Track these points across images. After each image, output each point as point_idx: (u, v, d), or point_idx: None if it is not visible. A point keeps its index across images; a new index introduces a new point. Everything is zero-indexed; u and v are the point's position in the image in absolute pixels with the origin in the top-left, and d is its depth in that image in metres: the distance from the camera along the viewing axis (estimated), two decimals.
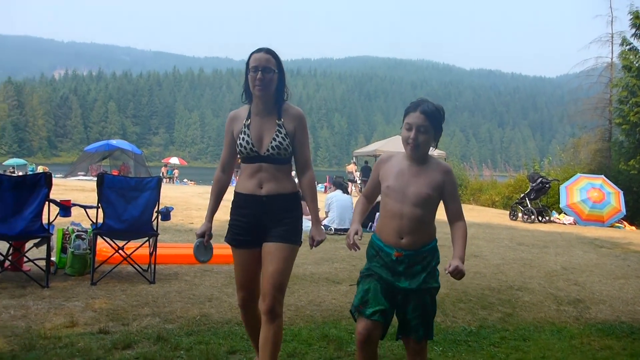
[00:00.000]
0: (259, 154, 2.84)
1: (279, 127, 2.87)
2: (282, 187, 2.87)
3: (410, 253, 2.56)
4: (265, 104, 2.90)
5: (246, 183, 2.87)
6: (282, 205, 2.87)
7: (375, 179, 2.76)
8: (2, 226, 4.80)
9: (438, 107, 2.63)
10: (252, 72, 2.81)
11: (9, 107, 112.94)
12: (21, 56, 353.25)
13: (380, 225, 2.67)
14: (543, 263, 7.24)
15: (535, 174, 15.71)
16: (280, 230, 2.83)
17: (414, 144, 2.55)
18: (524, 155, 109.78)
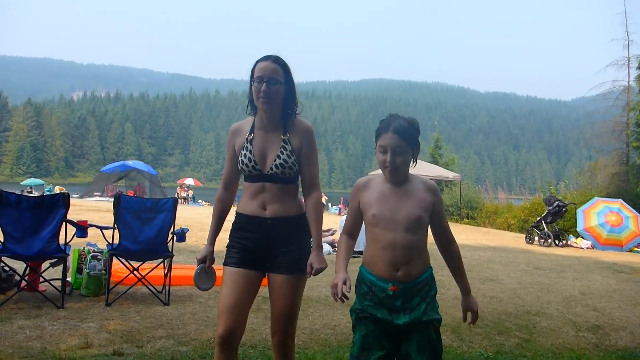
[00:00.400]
0: (262, 173, 2.61)
1: (284, 143, 2.63)
2: (287, 209, 2.63)
3: (408, 285, 2.29)
4: (270, 118, 2.66)
5: (249, 203, 2.64)
6: (288, 229, 2.63)
7: (356, 208, 2.45)
8: (19, 246, 4.85)
9: (411, 121, 2.35)
10: (257, 82, 2.58)
11: (28, 128, 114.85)
12: (41, 78, 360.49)
13: (371, 257, 2.36)
14: (561, 288, 7.13)
15: (552, 197, 15.54)
16: (287, 259, 2.59)
17: (391, 167, 2.30)
18: (540, 178, 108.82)
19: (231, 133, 2.76)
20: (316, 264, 2.56)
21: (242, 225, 2.65)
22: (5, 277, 5.26)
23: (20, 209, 4.89)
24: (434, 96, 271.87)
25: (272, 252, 2.61)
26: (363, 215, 2.40)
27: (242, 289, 2.57)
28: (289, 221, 2.63)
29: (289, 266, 2.59)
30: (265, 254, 2.61)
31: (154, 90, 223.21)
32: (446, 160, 28.39)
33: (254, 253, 2.61)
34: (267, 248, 2.61)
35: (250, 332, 4.35)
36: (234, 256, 2.63)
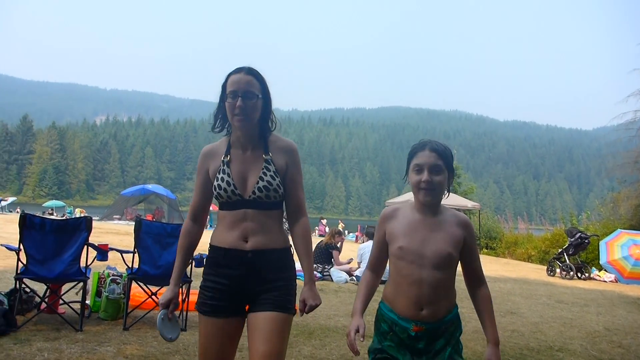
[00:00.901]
0: (242, 198, 2.28)
1: (267, 163, 2.33)
2: (272, 240, 2.30)
3: (432, 326, 2.10)
4: (248, 137, 2.36)
5: (226, 235, 2.30)
6: (273, 264, 2.30)
7: (382, 240, 2.26)
8: (41, 268, 4.89)
9: (446, 145, 2.22)
10: (230, 98, 2.27)
11: (52, 151, 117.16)
12: (66, 102, 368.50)
13: (393, 293, 2.19)
14: (584, 323, 6.96)
15: (574, 228, 15.30)
16: (272, 295, 2.25)
17: (428, 187, 2.11)
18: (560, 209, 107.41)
19: (202, 156, 2.43)
20: (310, 300, 2.30)
21: (217, 260, 2.31)
22: (26, 299, 5.30)
23: (43, 231, 4.96)
24: (452, 124, 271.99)
25: (253, 289, 2.27)
26: (388, 248, 2.22)
27: (222, 340, 2.28)
28: (274, 254, 2.30)
29: (274, 304, 2.24)
30: (246, 293, 2.28)
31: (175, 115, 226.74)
32: (465, 189, 28.21)
33: (232, 294, 2.28)
34: (248, 286, 2.27)
35: None
36: (209, 302, 2.29)
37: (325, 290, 8.28)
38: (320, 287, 8.60)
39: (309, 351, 4.67)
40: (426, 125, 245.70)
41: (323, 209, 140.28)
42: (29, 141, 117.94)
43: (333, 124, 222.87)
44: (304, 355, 4.55)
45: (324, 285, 8.81)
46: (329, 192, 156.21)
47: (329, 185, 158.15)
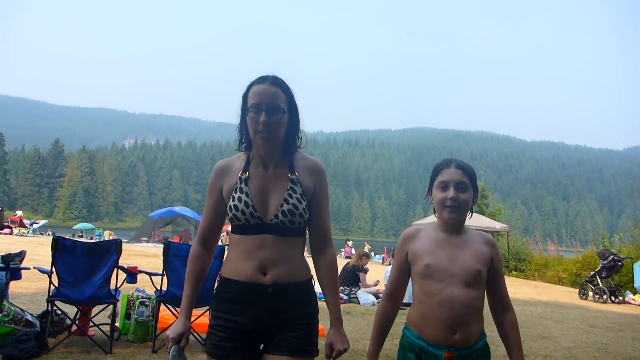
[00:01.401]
0: (262, 222, 1.98)
1: (293, 184, 2.05)
2: (295, 272, 2.02)
3: (464, 352, 1.96)
4: (271, 154, 2.07)
5: (241, 265, 1.98)
6: (295, 299, 2.01)
7: (403, 262, 2.13)
8: (72, 291, 4.97)
9: (470, 165, 2.15)
10: (253, 112, 1.99)
11: (82, 174, 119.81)
12: (96, 126, 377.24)
13: (421, 317, 2.03)
14: (619, 348, 6.74)
15: (606, 250, 14.92)
16: (293, 336, 1.97)
17: (453, 204, 2.03)
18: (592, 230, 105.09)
19: (216, 173, 2.12)
20: (339, 344, 2.01)
21: (232, 296, 1.99)
22: (57, 321, 5.38)
23: (75, 254, 5.05)
24: (479, 145, 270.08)
25: (272, 328, 1.98)
26: (411, 269, 2.11)
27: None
28: (297, 288, 2.02)
29: (296, 345, 1.96)
30: (264, 333, 1.99)
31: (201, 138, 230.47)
32: (492, 210, 27.79)
33: (248, 333, 1.98)
34: (266, 324, 1.98)
35: None
36: (223, 344, 1.96)
37: (352, 313, 8.21)
38: (347, 309, 8.54)
39: None
40: (452, 146, 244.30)
41: (349, 231, 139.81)
42: (60, 165, 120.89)
43: (358, 146, 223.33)
44: None
45: (351, 308, 8.75)
46: (355, 214, 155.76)
47: (354, 207, 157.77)
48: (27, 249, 6.33)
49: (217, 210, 2.11)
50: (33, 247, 13.60)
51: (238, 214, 1.98)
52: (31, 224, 35.35)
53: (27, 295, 7.32)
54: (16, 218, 32.15)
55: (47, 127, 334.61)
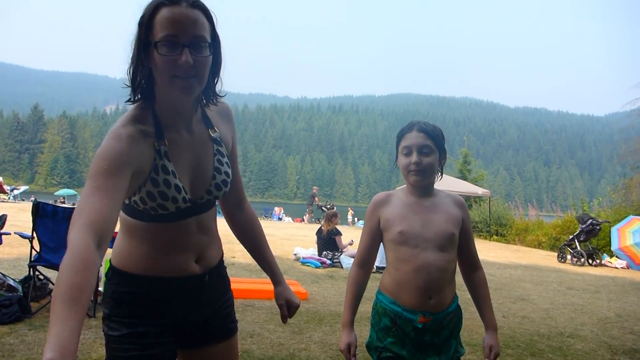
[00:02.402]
0: (193, 204, 1.53)
1: (217, 145, 1.61)
2: (219, 249, 1.72)
3: (439, 316, 1.97)
4: (190, 109, 1.53)
5: (166, 257, 1.52)
6: (222, 277, 1.73)
7: (374, 228, 2.08)
8: (54, 256, 4.96)
9: (435, 125, 2.09)
10: (167, 47, 1.36)
11: (62, 140, 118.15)
12: (76, 91, 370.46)
13: (396, 282, 2.00)
14: (595, 309, 6.94)
15: (585, 215, 15.19)
16: (223, 317, 1.72)
17: (417, 168, 1.98)
18: (572, 195, 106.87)
19: (125, 142, 1.37)
20: (296, 299, 1.89)
21: (157, 296, 1.53)
22: (40, 286, 5.37)
23: (56, 219, 5.02)
24: (463, 111, 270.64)
25: (201, 317, 1.65)
26: (383, 235, 2.07)
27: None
28: (222, 266, 1.74)
29: (227, 326, 1.73)
30: (190, 325, 1.64)
31: None
32: (475, 175, 28.05)
33: (174, 332, 1.59)
34: (197, 314, 1.64)
35: (277, 346, 4.34)
36: (148, 352, 1.50)
37: (335, 277, 8.31)
38: (331, 273, 8.64)
39: (319, 337, 4.70)
40: (436, 112, 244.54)
41: (332, 197, 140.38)
42: (40, 130, 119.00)
43: (342, 112, 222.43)
44: (314, 341, 4.58)
45: (334, 272, 8.85)
46: (338, 180, 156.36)
47: (338, 173, 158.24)
48: (8, 214, 6.27)
49: (123, 195, 1.32)
50: (14, 213, 13.47)
51: (167, 203, 1.45)
52: (12, 190, 34.94)
53: (8, 261, 7.29)
54: None
55: (26, 92, 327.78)
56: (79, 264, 1.09)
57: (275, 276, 1.89)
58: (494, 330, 2.08)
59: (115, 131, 1.40)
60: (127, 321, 1.50)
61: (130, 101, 1.49)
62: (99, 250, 1.18)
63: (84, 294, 1.06)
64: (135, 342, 1.49)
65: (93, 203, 1.23)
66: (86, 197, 1.25)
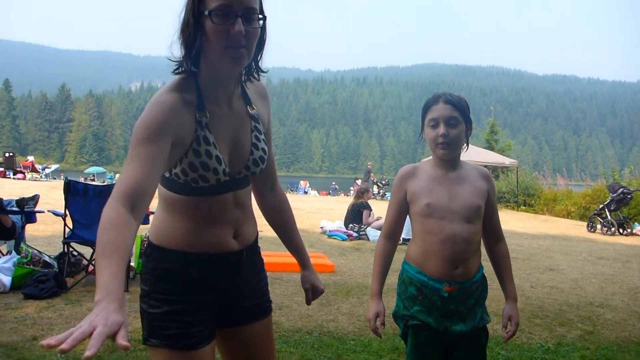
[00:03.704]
0: (231, 178, 1.54)
1: (255, 122, 1.62)
2: (254, 226, 1.72)
3: (464, 285, 2.00)
4: (232, 83, 1.55)
5: (207, 234, 1.54)
6: (257, 255, 1.75)
7: (401, 200, 2.10)
8: (87, 232, 5.09)
9: (460, 96, 2.08)
10: (220, 17, 1.38)
11: (90, 118, 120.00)
12: (102, 70, 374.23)
13: (423, 252, 2.03)
14: (626, 279, 6.85)
15: (616, 183, 14.90)
16: (259, 296, 1.74)
17: (445, 140, 1.98)
18: (602, 164, 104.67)
19: (166, 110, 1.39)
20: (321, 285, 1.94)
21: (197, 272, 1.55)
22: (74, 262, 5.53)
23: (87, 197, 5.14)
24: (489, 80, 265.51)
25: (237, 296, 1.67)
26: (410, 208, 2.09)
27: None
28: (256, 244, 1.74)
29: (264, 307, 1.75)
30: (231, 303, 1.66)
31: None
32: (502, 146, 27.63)
33: (215, 310, 1.62)
34: (234, 293, 1.65)
35: (306, 317, 4.41)
36: (187, 331, 1.51)
37: (362, 250, 8.36)
38: (357, 246, 8.69)
39: (347, 308, 4.76)
40: (462, 82, 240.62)
41: (357, 170, 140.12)
42: (68, 109, 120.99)
43: (366, 84, 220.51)
44: (342, 312, 4.64)
45: (361, 245, 8.90)
46: (363, 152, 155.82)
47: (363, 146, 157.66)
48: (41, 193, 6.43)
49: (161, 164, 1.36)
50: (46, 191, 13.81)
51: (208, 174, 1.47)
52: (43, 169, 35.72)
53: (43, 238, 7.50)
54: (28, 163, 32.39)
55: (52, 72, 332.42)
56: (108, 224, 1.19)
57: (302, 260, 1.92)
58: (514, 301, 2.12)
59: (157, 98, 1.42)
60: (167, 298, 1.52)
61: (178, 71, 1.49)
62: (133, 213, 1.25)
63: (118, 247, 1.15)
64: (175, 320, 1.50)
65: (127, 172, 1.30)
66: (125, 167, 1.32)
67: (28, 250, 5.04)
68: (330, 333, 4.08)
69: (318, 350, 3.68)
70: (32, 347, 3.48)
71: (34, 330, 3.79)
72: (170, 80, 1.50)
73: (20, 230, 5.47)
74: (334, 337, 3.98)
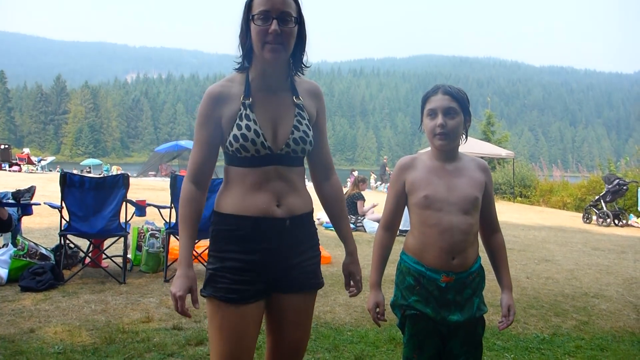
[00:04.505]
0: (272, 152, 1.81)
1: (300, 110, 1.89)
2: (305, 204, 1.92)
3: (461, 276, 2.03)
4: (276, 75, 1.87)
5: (252, 199, 1.80)
6: (308, 231, 1.95)
7: (400, 192, 2.12)
8: (83, 225, 5.09)
9: (460, 88, 2.10)
10: (261, 20, 1.75)
11: (86, 110, 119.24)
12: (97, 61, 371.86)
13: (421, 243, 2.06)
14: (621, 269, 6.89)
15: (612, 175, 14.95)
16: (305, 271, 1.91)
17: (442, 131, 2.01)
18: (598, 155, 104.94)
19: (212, 100, 1.82)
20: (359, 273, 2.10)
21: (244, 233, 1.80)
22: (71, 254, 5.53)
23: (83, 189, 5.13)
24: (486, 71, 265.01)
25: (285, 265, 1.86)
26: (408, 199, 2.11)
27: (253, 332, 1.84)
28: (308, 219, 1.94)
29: (309, 281, 1.94)
30: (276, 269, 1.85)
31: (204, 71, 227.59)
32: (499, 137, 27.66)
33: (261, 272, 1.82)
34: (281, 261, 1.85)
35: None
36: (233, 286, 1.78)
37: (359, 241, 8.34)
38: (354, 237, 8.69)
39: (344, 299, 4.78)
40: (459, 73, 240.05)
41: (354, 161, 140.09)
42: (64, 101, 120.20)
43: (363, 75, 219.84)
44: (339, 303, 4.66)
45: (357, 236, 8.90)
46: (360, 144, 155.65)
47: (360, 137, 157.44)
48: (37, 185, 6.41)
49: (214, 144, 1.84)
50: (43, 184, 13.78)
51: (247, 145, 1.76)
52: (39, 161, 35.59)
53: (39, 230, 7.50)
54: (24, 155, 32.30)
55: (47, 63, 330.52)
56: (184, 201, 1.84)
57: (347, 248, 2.13)
58: (510, 291, 2.16)
59: (206, 92, 1.85)
60: (219, 256, 1.83)
61: (238, 68, 1.89)
62: (200, 190, 1.85)
63: (191, 219, 1.83)
64: (224, 276, 1.79)
65: (192, 155, 1.86)
66: (192, 149, 1.87)
67: (24, 243, 5.03)
68: (327, 324, 4.10)
69: (315, 341, 3.70)
70: (29, 339, 3.49)
71: (31, 323, 3.80)
72: None
73: (17, 223, 5.46)
74: (331, 328, 4.00)
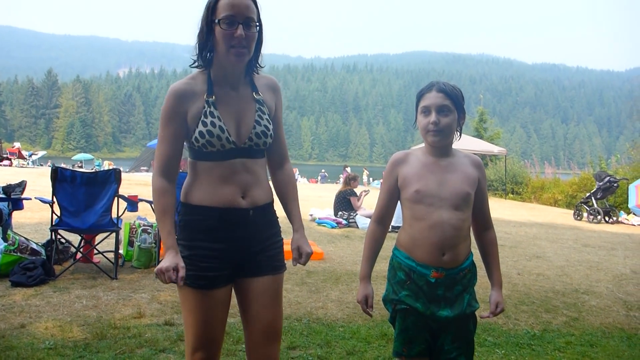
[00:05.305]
0: (236, 146, 1.93)
1: (260, 105, 2.01)
2: (267, 193, 2.05)
3: (452, 272, 2.04)
4: (240, 73, 2.00)
5: (218, 191, 1.93)
6: (269, 220, 2.07)
7: (392, 186, 2.14)
8: (75, 220, 5.06)
9: (455, 85, 2.11)
10: (226, 24, 1.85)
11: (77, 104, 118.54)
12: (89, 55, 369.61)
13: (411, 238, 2.07)
14: (611, 266, 6.95)
15: (603, 172, 15.05)
16: (268, 256, 2.03)
17: (435, 128, 2.03)
18: (589, 153, 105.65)
19: (176, 97, 1.91)
20: (306, 247, 2.12)
21: (210, 223, 1.94)
22: (62, 249, 5.50)
23: (74, 184, 5.09)
24: (479, 68, 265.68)
25: (249, 251, 2.00)
26: (401, 194, 2.13)
27: (220, 316, 2.01)
28: (269, 209, 2.07)
29: (273, 265, 2.05)
30: (242, 257, 1.99)
31: None
32: (491, 134, 27.76)
33: (227, 259, 1.97)
34: (246, 248, 1.99)
35: (295, 304, 4.44)
36: (202, 273, 1.93)
37: (351, 237, 8.39)
38: (347, 233, 8.72)
39: (336, 295, 4.78)
40: (452, 69, 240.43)
41: (347, 157, 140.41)
42: (55, 95, 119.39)
43: (356, 71, 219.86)
44: (331, 299, 4.67)
45: (350, 232, 8.93)
46: (353, 140, 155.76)
47: (352, 133, 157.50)
48: (28, 180, 6.37)
49: (179, 139, 1.94)
50: (34, 178, 13.68)
51: (213, 140, 1.88)
52: (30, 155, 35.40)
53: (30, 225, 7.45)
54: (14, 150, 32.11)
55: (39, 57, 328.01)
56: (159, 195, 1.91)
57: (294, 225, 2.16)
58: (500, 287, 2.19)
59: (170, 89, 1.93)
60: (188, 244, 1.94)
61: (194, 65, 1.99)
62: (170, 183, 1.93)
63: (171, 210, 1.90)
64: (193, 264, 1.91)
65: (159, 151, 1.95)
66: (157, 145, 1.97)
67: (15, 238, 5.00)
68: (319, 320, 4.11)
69: (307, 337, 3.70)
70: (20, 334, 3.47)
71: (22, 318, 3.78)
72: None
73: (7, 218, 5.43)
74: (323, 324, 4.01)
